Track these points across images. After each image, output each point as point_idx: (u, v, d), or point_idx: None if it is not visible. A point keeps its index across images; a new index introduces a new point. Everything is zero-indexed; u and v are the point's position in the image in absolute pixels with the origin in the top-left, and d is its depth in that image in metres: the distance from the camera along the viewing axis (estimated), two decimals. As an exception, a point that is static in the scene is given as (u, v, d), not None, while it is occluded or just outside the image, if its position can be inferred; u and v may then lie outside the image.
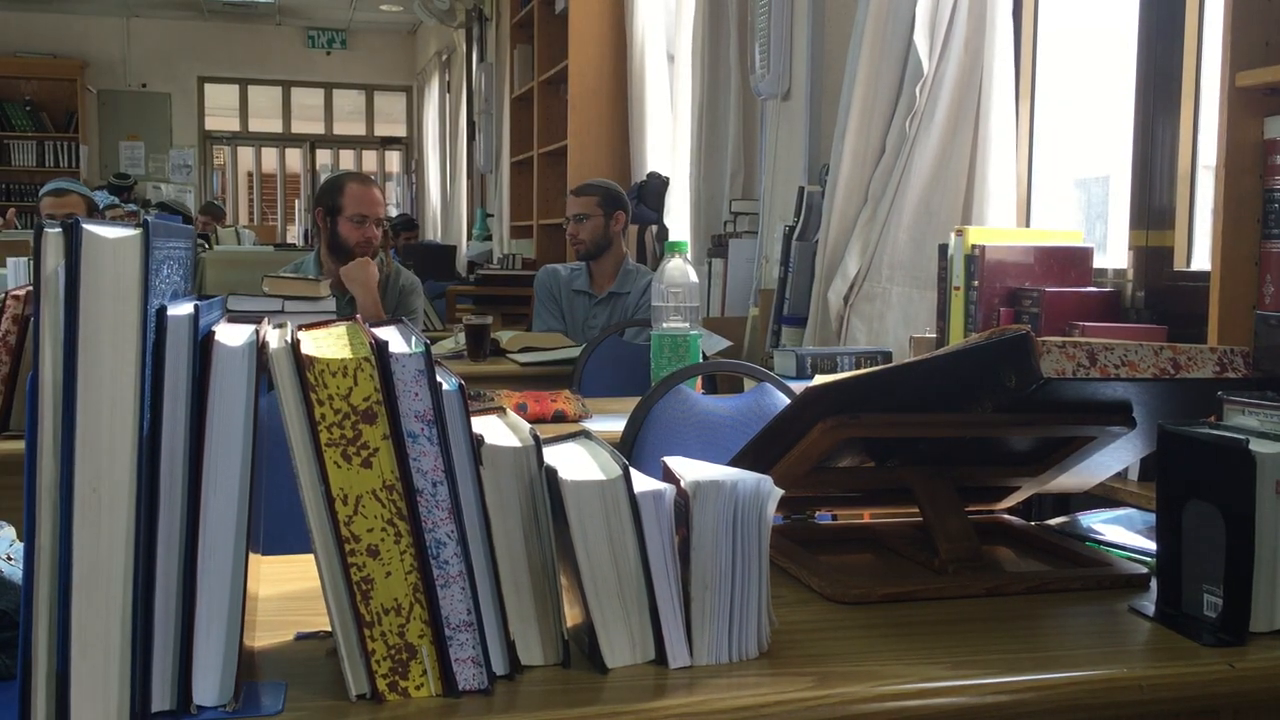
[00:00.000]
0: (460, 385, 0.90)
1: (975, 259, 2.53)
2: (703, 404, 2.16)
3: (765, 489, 0.97)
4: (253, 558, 0.88)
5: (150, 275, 0.80)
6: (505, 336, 3.82)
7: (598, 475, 0.94)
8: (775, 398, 2.15)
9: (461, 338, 3.77)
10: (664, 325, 2.39)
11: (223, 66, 12.27)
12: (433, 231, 11.31)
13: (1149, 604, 1.13)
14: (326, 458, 0.85)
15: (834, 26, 3.84)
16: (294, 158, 13.15)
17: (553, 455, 0.98)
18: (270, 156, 13.18)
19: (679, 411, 2.10)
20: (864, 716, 0.91)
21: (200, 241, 6.58)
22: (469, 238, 9.29)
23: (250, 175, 13.41)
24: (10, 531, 1.07)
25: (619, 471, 0.93)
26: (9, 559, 1.01)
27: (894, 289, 3.17)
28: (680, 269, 2.40)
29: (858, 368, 2.80)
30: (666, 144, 5.48)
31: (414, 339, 0.91)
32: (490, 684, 0.89)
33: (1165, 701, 0.98)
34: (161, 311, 0.82)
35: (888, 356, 2.99)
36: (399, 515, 0.87)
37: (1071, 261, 2.56)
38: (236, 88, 12.65)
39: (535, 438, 0.95)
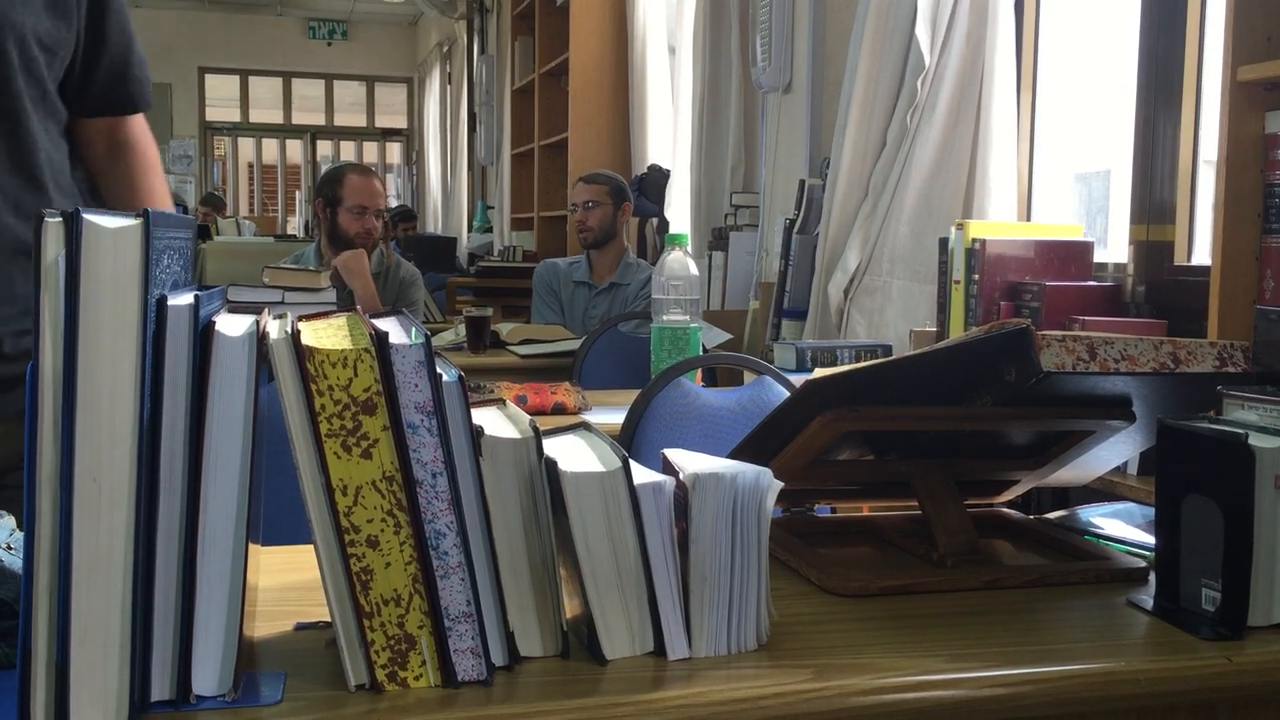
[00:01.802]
0: (460, 377, 0.90)
1: (976, 253, 2.53)
2: (703, 397, 2.16)
3: (765, 482, 0.97)
4: (252, 548, 0.88)
5: (150, 265, 0.80)
6: (505, 329, 3.82)
7: (597, 467, 0.94)
8: (775, 390, 2.15)
9: (462, 329, 3.77)
10: (664, 318, 2.39)
11: (223, 57, 12.26)
12: (433, 223, 11.30)
13: (1147, 598, 1.13)
14: (326, 448, 0.85)
15: (835, 19, 3.83)
16: (294, 149, 13.15)
17: (552, 447, 0.98)
18: (271, 147, 13.18)
19: (679, 404, 2.10)
20: (862, 709, 0.91)
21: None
22: (469, 230, 9.29)
23: (251, 166, 13.40)
24: (10, 521, 1.07)
25: (618, 463, 0.93)
26: (9, 548, 1.01)
27: (894, 282, 3.17)
28: (680, 262, 2.40)
29: (858, 361, 2.80)
30: (667, 136, 5.47)
31: (414, 330, 0.91)
32: (489, 675, 0.89)
33: (1163, 695, 0.98)
34: (162, 301, 0.82)
35: (888, 350, 2.99)
36: (399, 506, 0.87)
37: (1072, 256, 2.56)
38: (237, 78, 12.64)
39: (535, 429, 0.95)
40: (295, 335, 0.85)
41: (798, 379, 1.95)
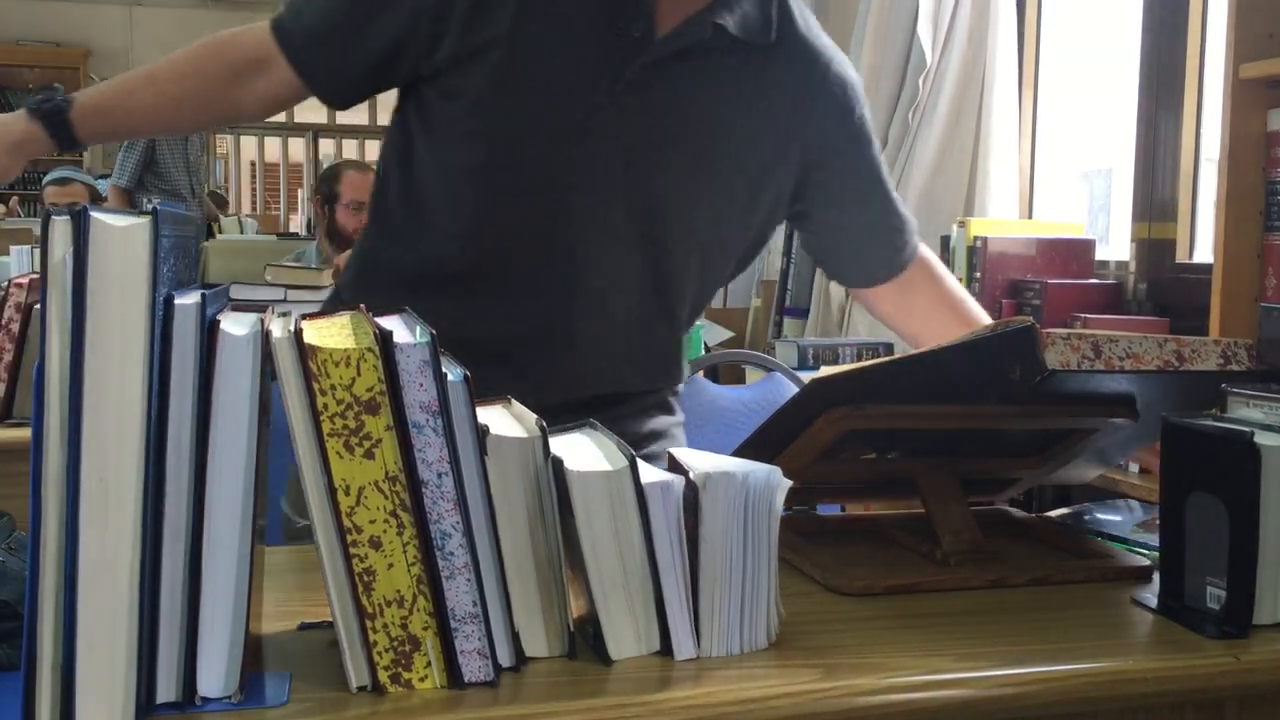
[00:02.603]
0: (465, 375, 0.90)
1: (978, 250, 2.53)
2: (716, 394, 2.16)
3: (775, 480, 0.97)
4: (257, 547, 0.88)
5: (158, 263, 0.80)
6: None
7: (604, 466, 0.93)
8: (786, 387, 2.16)
9: (463, 328, 3.77)
10: (666, 316, 2.38)
11: (224, 56, 12.24)
12: (434, 222, 11.26)
13: (1151, 596, 1.12)
14: (329, 448, 0.85)
15: (837, 18, 3.83)
16: (297, 147, 13.12)
17: (559, 445, 0.98)
18: (273, 146, 13.15)
19: (693, 402, 2.10)
20: (871, 708, 0.91)
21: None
22: (470, 228, 9.26)
23: (253, 164, 13.39)
24: (10, 521, 1.07)
25: (625, 462, 0.93)
26: (11, 549, 1.01)
27: (896, 280, 3.16)
28: (683, 260, 2.39)
29: (859, 359, 2.80)
30: (668, 135, 5.46)
31: (418, 329, 0.91)
32: (496, 675, 0.89)
33: (1171, 694, 0.98)
34: (169, 300, 0.82)
35: (889, 348, 2.99)
36: (402, 507, 0.86)
37: (1074, 253, 2.56)
38: (238, 77, 12.60)
39: (541, 428, 0.94)
40: (298, 334, 0.85)
41: (807, 376, 1.96)
